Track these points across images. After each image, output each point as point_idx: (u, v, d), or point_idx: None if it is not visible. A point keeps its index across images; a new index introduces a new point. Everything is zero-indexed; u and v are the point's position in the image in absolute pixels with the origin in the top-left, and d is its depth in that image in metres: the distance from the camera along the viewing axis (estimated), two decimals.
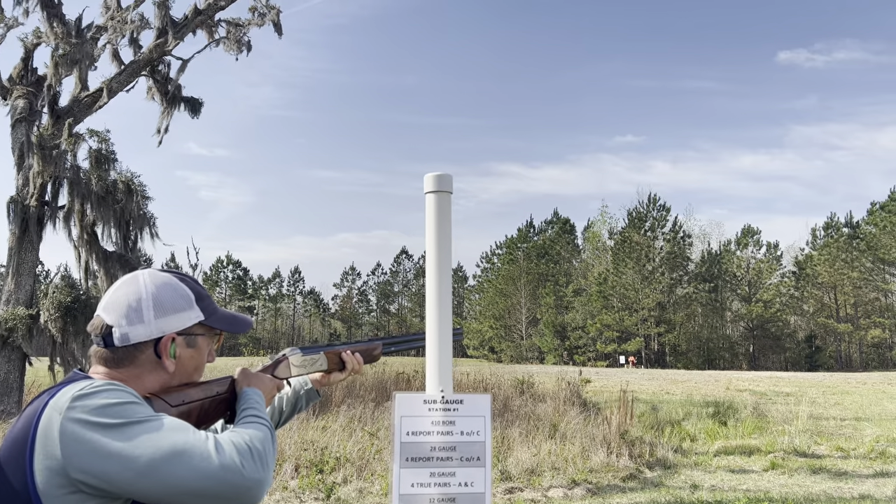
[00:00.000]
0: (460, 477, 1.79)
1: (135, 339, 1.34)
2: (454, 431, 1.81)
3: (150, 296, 1.37)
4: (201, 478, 1.16)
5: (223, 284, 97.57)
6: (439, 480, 1.78)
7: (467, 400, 1.84)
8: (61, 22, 14.57)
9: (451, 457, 1.80)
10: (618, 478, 8.63)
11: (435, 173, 1.82)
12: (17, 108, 14.15)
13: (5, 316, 13.21)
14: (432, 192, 1.85)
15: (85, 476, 1.16)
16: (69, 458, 1.15)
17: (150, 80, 16.39)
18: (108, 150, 14.00)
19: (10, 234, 13.70)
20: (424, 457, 1.79)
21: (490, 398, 1.87)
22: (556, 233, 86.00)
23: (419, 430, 1.82)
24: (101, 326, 1.35)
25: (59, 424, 1.17)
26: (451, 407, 1.83)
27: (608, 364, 62.93)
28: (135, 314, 1.35)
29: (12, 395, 12.92)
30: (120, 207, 13.81)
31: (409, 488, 1.76)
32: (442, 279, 1.77)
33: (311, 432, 9.56)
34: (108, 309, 1.36)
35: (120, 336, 1.34)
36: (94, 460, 1.15)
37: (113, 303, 1.37)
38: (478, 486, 1.79)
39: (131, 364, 1.35)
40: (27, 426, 1.21)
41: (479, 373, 20.16)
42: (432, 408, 1.83)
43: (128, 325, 1.34)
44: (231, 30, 16.69)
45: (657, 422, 12.80)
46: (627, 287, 66.72)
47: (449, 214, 1.83)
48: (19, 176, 13.91)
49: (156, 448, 1.16)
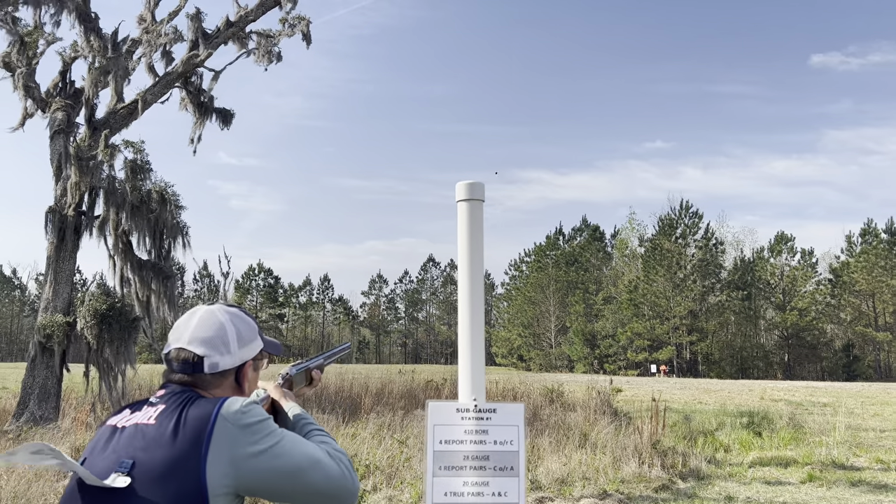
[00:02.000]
0: (494, 486, 1.77)
1: (222, 367, 1.54)
2: (487, 441, 1.79)
3: (233, 330, 1.57)
4: (330, 483, 1.44)
5: (254, 292, 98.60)
6: (473, 490, 1.76)
7: (500, 409, 1.82)
8: (98, 36, 14.92)
9: (485, 466, 1.78)
10: (650, 488, 8.50)
11: (466, 181, 1.81)
12: (55, 121, 14.50)
13: (44, 323, 13.50)
14: (464, 201, 1.84)
15: (250, 480, 1.38)
16: (240, 463, 1.37)
17: (183, 92, 16.69)
18: (142, 161, 14.27)
19: (48, 243, 14.02)
20: (458, 465, 1.78)
21: (524, 407, 1.85)
22: (586, 240, 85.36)
23: (452, 439, 1.80)
24: (192, 357, 1.52)
25: (233, 434, 1.38)
26: (485, 416, 1.81)
27: (639, 373, 62.17)
28: (223, 346, 1.54)
29: (50, 400, 13.19)
30: (154, 217, 14.05)
31: (443, 497, 1.74)
32: (474, 288, 1.76)
33: (341, 440, 9.59)
34: (194, 343, 1.53)
35: (210, 365, 1.52)
36: (264, 466, 1.38)
37: (199, 337, 1.53)
38: (511, 496, 1.76)
39: (218, 388, 1.54)
40: (197, 433, 1.37)
41: (509, 381, 20.06)
42: (465, 416, 1.81)
43: (218, 356, 1.53)
44: (261, 41, 16.93)
45: (690, 432, 12.60)
46: (658, 295, 65.91)
47: (481, 222, 1.82)
48: (58, 186, 14.24)
49: (302, 456, 1.43)
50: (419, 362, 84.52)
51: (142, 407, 1.50)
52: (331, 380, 15.96)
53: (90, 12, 14.89)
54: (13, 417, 12.77)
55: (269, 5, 16.51)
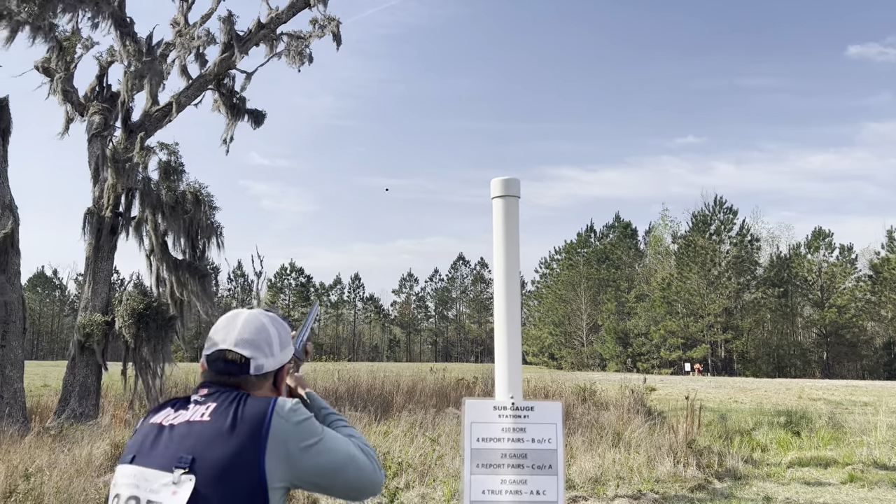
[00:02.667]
0: (532, 485, 1.76)
1: (266, 370, 1.59)
2: (525, 439, 1.77)
3: (275, 333, 1.63)
4: (363, 477, 1.54)
5: (287, 291, 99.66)
6: (511, 488, 1.75)
7: (538, 407, 1.80)
8: (133, 40, 15.19)
9: (523, 464, 1.77)
10: (685, 488, 8.39)
11: (502, 178, 1.79)
12: (93, 124, 14.81)
13: (83, 322, 13.80)
14: (499, 197, 1.83)
15: (301, 473, 1.45)
16: (293, 458, 1.44)
17: (215, 94, 16.92)
18: (176, 162, 14.50)
19: (87, 244, 14.32)
20: (495, 464, 1.77)
21: (562, 406, 1.84)
22: (618, 237, 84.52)
23: (489, 437, 1.79)
24: (240, 359, 1.56)
25: (287, 430, 1.44)
26: (522, 414, 1.80)
27: (672, 371, 61.40)
28: (267, 348, 1.59)
29: (90, 397, 13.48)
30: (189, 217, 14.26)
31: (481, 495, 1.73)
32: (510, 285, 1.75)
33: (373, 437, 9.64)
34: (241, 345, 1.57)
35: (255, 367, 1.56)
36: (312, 461, 1.46)
37: (245, 339, 1.58)
38: (550, 494, 1.75)
39: (259, 389, 1.58)
40: (255, 429, 1.42)
41: (540, 380, 19.97)
42: (502, 414, 1.80)
43: (263, 358, 1.58)
44: (292, 42, 17.07)
45: (726, 431, 12.40)
46: (692, 292, 65.02)
47: (517, 219, 1.80)
48: (95, 188, 14.54)
49: (342, 452, 1.52)
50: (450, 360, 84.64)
51: (185, 405, 1.53)
52: (363, 378, 16.05)
53: (125, 17, 15.17)
54: (55, 414, 13.08)
55: (300, 6, 16.64)
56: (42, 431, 9.76)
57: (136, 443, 1.50)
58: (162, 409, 1.57)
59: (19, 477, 7.00)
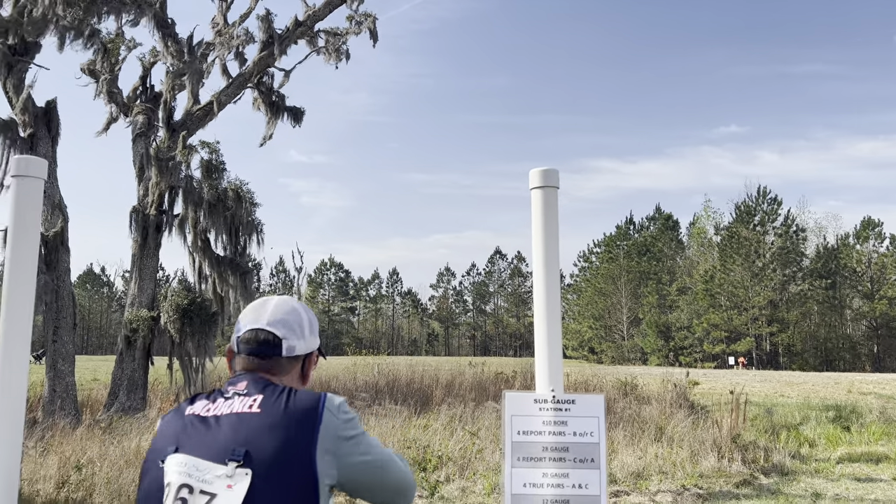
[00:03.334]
0: (574, 478, 1.74)
1: (298, 352, 1.55)
2: (566, 432, 1.75)
3: (306, 317, 1.60)
4: (401, 479, 1.52)
5: (326, 286, 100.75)
6: (552, 481, 1.73)
7: (580, 400, 1.78)
8: (175, 41, 15.47)
9: (564, 458, 1.75)
10: (730, 483, 8.24)
11: (541, 168, 1.77)
12: (137, 124, 15.15)
13: (130, 318, 14.16)
14: (538, 188, 1.80)
15: (347, 472, 1.43)
16: (342, 455, 1.41)
17: (255, 92, 17.14)
18: (217, 160, 14.74)
19: (132, 241, 14.68)
20: (536, 457, 1.75)
21: (604, 399, 1.81)
22: (659, 229, 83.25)
23: (530, 430, 1.78)
24: (273, 339, 1.53)
25: (337, 427, 1.42)
26: (563, 407, 1.78)
27: (716, 365, 60.33)
28: (299, 330, 1.56)
29: (138, 391, 13.83)
30: (230, 214, 14.50)
31: (522, 488, 1.72)
32: (549, 277, 1.72)
33: (413, 430, 9.68)
34: (276, 325, 1.54)
35: (287, 348, 1.53)
36: (358, 459, 1.44)
37: (278, 319, 1.55)
38: (592, 488, 1.73)
39: (287, 375, 1.54)
40: (307, 423, 1.40)
41: (581, 374, 19.81)
42: (543, 407, 1.78)
43: (295, 339, 1.55)
44: (330, 39, 17.19)
45: (772, 426, 12.13)
46: (736, 285, 63.75)
47: (556, 210, 1.77)
48: (140, 187, 14.88)
49: (383, 453, 1.50)
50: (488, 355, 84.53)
51: (222, 396, 1.49)
52: (402, 371, 16.13)
53: (167, 18, 15.46)
54: (104, 407, 13.45)
55: (336, 3, 16.74)
56: (92, 424, 10.05)
57: (174, 433, 1.45)
58: (195, 401, 1.52)
59: (71, 468, 7.22)
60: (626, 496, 7.70)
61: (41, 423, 10.95)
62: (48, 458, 7.72)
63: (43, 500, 6.67)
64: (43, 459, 7.72)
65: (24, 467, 7.24)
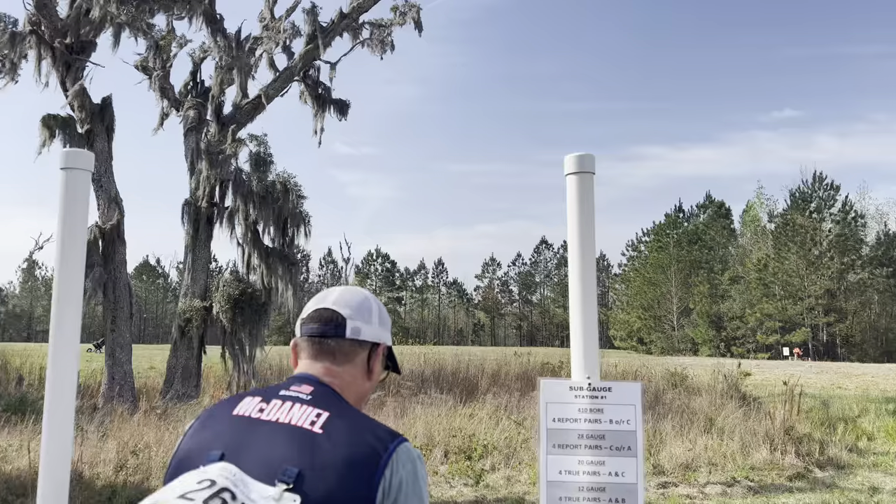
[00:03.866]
0: (610, 466, 1.73)
1: (363, 336, 1.40)
2: (603, 419, 1.74)
3: (375, 305, 1.46)
4: None
5: (373, 277, 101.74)
6: (588, 469, 1.73)
7: (616, 388, 1.76)
8: (223, 36, 15.77)
9: (601, 445, 1.74)
10: (783, 476, 8.05)
11: (576, 154, 1.76)
12: (188, 119, 15.51)
13: (183, 308, 14.56)
14: (573, 174, 1.79)
15: None
16: None
17: (301, 85, 17.36)
18: (265, 153, 15.00)
19: (185, 233, 15.07)
20: (572, 444, 1.74)
21: (641, 386, 1.79)
22: (710, 217, 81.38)
23: (566, 417, 1.77)
24: (337, 317, 1.39)
25: (406, 481, 1.23)
26: (599, 394, 1.77)
27: (770, 356, 58.84)
28: (367, 314, 1.42)
29: (191, 379, 14.23)
30: (278, 206, 14.75)
31: (557, 475, 1.72)
32: (585, 264, 1.71)
33: (459, 420, 9.73)
34: (341, 305, 1.42)
35: (352, 329, 1.39)
36: None
37: (344, 300, 1.43)
38: (629, 476, 1.71)
39: (350, 363, 1.39)
40: (371, 460, 1.21)
41: (629, 364, 19.58)
42: (579, 395, 1.77)
43: (361, 321, 1.40)
44: (375, 31, 17.27)
45: (828, 418, 11.78)
46: (791, 273, 61.96)
47: (592, 196, 1.76)
48: (192, 180, 15.25)
49: None
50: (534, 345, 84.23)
51: (277, 396, 1.32)
52: (447, 361, 16.21)
53: (216, 14, 15.75)
54: (160, 394, 13.89)
55: None
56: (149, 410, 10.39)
57: (219, 436, 1.28)
58: (241, 399, 1.34)
59: (129, 452, 7.49)
60: (675, 487, 7.60)
61: (101, 409, 11.38)
62: (107, 443, 8.02)
63: (102, 483, 6.93)
64: (102, 444, 8.02)
65: (84, 451, 7.55)
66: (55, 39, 13.70)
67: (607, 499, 1.70)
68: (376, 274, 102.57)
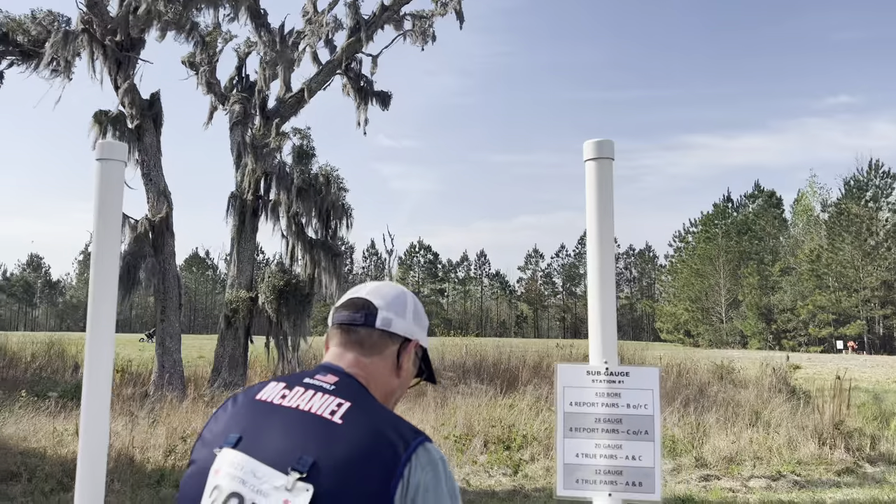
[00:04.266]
0: (627, 450, 1.73)
1: (394, 329, 1.37)
2: (620, 404, 1.75)
3: (412, 301, 1.43)
4: None
5: (416, 269, 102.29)
6: (605, 452, 1.74)
7: (634, 373, 1.76)
8: (267, 31, 16.02)
9: (618, 429, 1.75)
10: (831, 471, 7.86)
11: (595, 140, 1.76)
12: (234, 113, 15.81)
13: (230, 298, 14.90)
14: (592, 160, 1.79)
15: None
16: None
17: (343, 78, 17.52)
18: (308, 146, 15.22)
19: (231, 226, 15.40)
20: (589, 428, 1.76)
21: (659, 371, 1.78)
22: (760, 207, 79.34)
23: (583, 401, 1.78)
24: (368, 305, 1.37)
25: (427, 485, 1.17)
26: (617, 379, 1.77)
27: (822, 349, 57.20)
28: (400, 308, 1.39)
29: (238, 368, 14.57)
30: (320, 199, 14.96)
31: (574, 458, 1.73)
32: (604, 249, 1.71)
33: (499, 410, 9.75)
34: (374, 295, 1.39)
35: (384, 319, 1.36)
36: None
37: (378, 291, 1.41)
38: (646, 459, 1.72)
39: (379, 355, 1.35)
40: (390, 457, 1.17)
41: (674, 357, 19.28)
42: (596, 379, 1.78)
43: (394, 314, 1.37)
44: (416, 22, 17.32)
45: (881, 413, 11.42)
46: (845, 265, 60.07)
47: (611, 182, 1.76)
48: (237, 174, 15.57)
49: None
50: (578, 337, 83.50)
51: (301, 383, 1.30)
52: (489, 352, 16.23)
53: (260, 9, 16.01)
54: (208, 383, 14.26)
55: None
56: (197, 398, 10.69)
57: (239, 420, 1.27)
58: (266, 384, 1.33)
59: (178, 438, 7.73)
60: (717, 480, 7.49)
61: (151, 396, 11.75)
62: (157, 429, 8.30)
63: (152, 467, 7.18)
64: (153, 430, 8.30)
65: (136, 436, 7.83)
66: (106, 37, 14.11)
67: (624, 482, 1.70)
68: (419, 266, 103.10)
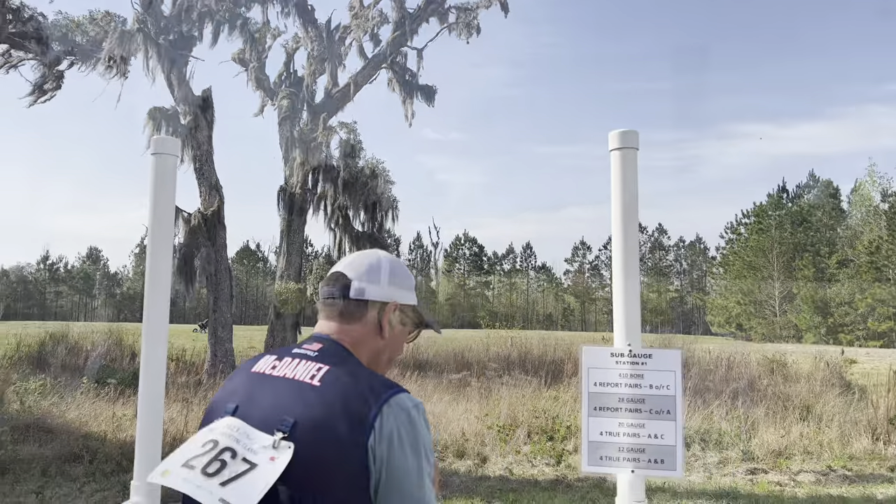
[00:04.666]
0: (650, 429, 1.79)
1: (368, 296, 1.46)
2: (643, 384, 1.80)
3: (387, 266, 1.51)
4: None
5: (462, 261, 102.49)
6: (629, 430, 1.80)
7: (657, 354, 1.82)
8: (314, 26, 16.29)
9: (640, 409, 1.82)
10: (884, 467, 7.68)
11: (619, 130, 1.81)
12: (282, 108, 16.15)
13: (279, 290, 15.26)
14: (617, 150, 1.84)
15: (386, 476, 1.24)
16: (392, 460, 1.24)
17: (389, 72, 17.69)
18: (355, 140, 15.43)
19: (280, 219, 15.76)
20: (612, 407, 1.82)
21: (681, 353, 1.83)
22: (816, 197, 76.97)
23: (607, 382, 1.85)
24: (342, 277, 1.48)
25: (398, 431, 1.25)
26: (640, 361, 1.84)
27: (882, 344, 55.28)
28: (374, 274, 1.48)
29: None
30: (367, 191, 15.17)
31: (598, 436, 1.80)
32: (628, 235, 1.76)
33: (543, 401, 9.79)
34: (349, 267, 1.49)
35: (357, 289, 1.45)
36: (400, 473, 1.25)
37: (353, 263, 1.51)
38: (668, 438, 1.77)
39: (359, 322, 1.45)
40: (362, 410, 1.24)
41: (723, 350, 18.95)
42: (620, 361, 1.85)
43: (366, 282, 1.46)
44: (461, 15, 17.36)
45: None
46: None
47: (635, 171, 1.81)
48: (286, 168, 15.90)
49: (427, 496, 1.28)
50: None
51: (289, 354, 1.41)
52: (534, 345, 16.23)
53: (307, 5, 16.28)
54: None
55: None
56: None
57: (235, 389, 1.39)
58: (261, 357, 1.45)
59: None
60: (765, 474, 7.40)
61: (204, 384, 12.14)
62: None
63: None
64: None
65: (189, 422, 8.12)
66: (160, 36, 14.56)
67: (647, 459, 1.76)
68: (465, 258, 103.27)
